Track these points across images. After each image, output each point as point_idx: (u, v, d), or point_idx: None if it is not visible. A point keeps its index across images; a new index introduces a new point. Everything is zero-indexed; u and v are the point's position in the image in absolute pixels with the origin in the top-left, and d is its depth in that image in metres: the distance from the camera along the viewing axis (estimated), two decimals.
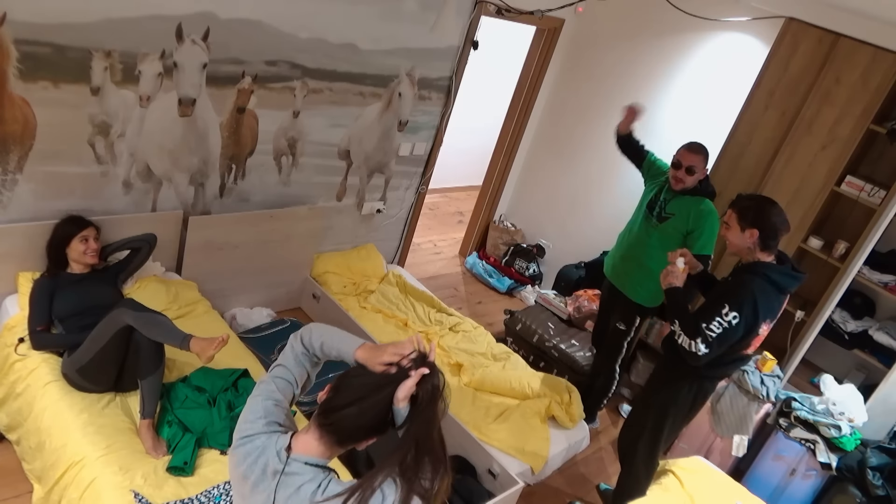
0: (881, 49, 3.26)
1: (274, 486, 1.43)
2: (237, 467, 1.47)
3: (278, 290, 4.02)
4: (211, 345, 2.39)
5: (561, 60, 5.05)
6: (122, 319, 2.44)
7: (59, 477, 2.32)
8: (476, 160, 5.97)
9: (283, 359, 1.61)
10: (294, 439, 1.47)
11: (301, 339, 1.61)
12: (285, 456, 1.44)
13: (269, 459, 1.44)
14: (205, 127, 3.27)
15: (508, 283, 5.32)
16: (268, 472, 1.44)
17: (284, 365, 1.60)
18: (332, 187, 4.10)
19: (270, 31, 3.21)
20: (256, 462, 1.45)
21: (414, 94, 4.08)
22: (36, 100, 2.69)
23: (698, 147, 3.22)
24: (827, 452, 3.36)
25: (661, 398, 2.94)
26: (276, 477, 1.43)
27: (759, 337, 2.66)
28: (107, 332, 2.46)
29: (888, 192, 3.32)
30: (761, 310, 2.56)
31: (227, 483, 2.40)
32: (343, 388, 1.46)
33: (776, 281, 2.58)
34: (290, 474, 1.43)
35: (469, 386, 3.61)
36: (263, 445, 1.46)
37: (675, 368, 2.83)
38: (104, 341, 2.47)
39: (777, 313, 2.67)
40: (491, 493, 3.03)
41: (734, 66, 4.19)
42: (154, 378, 2.49)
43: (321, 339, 1.60)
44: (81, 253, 2.83)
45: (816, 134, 3.47)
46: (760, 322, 2.58)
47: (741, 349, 2.69)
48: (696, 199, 3.23)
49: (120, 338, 2.46)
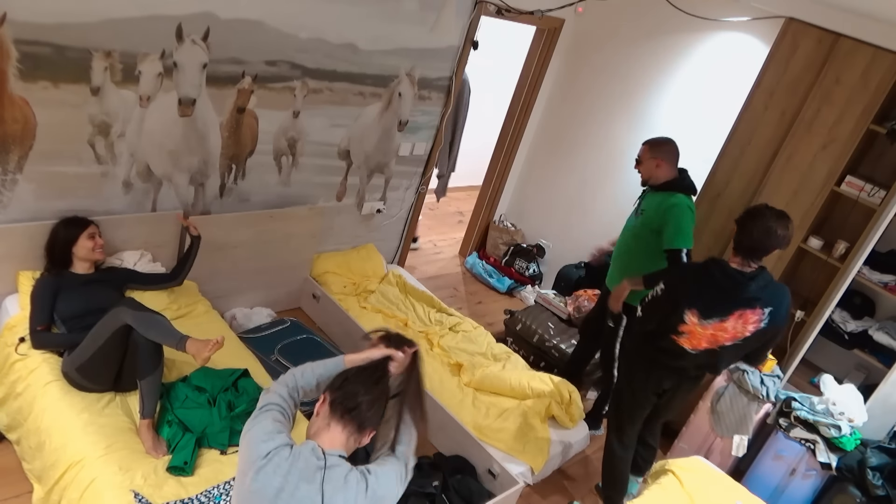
0: (881, 49, 3.26)
1: (320, 481, 1.57)
2: (270, 482, 1.55)
3: (278, 290, 4.02)
4: (206, 346, 2.39)
5: (561, 60, 5.05)
6: (120, 318, 2.44)
7: (59, 477, 2.32)
8: (476, 160, 5.97)
9: (272, 391, 1.77)
10: (318, 439, 1.65)
11: (287, 387, 1.78)
12: (321, 453, 1.60)
13: (307, 461, 1.58)
14: (205, 127, 3.27)
15: (508, 283, 5.32)
16: (309, 472, 1.57)
17: (279, 393, 1.76)
18: (332, 187, 4.10)
19: (270, 31, 3.21)
20: (293, 468, 1.56)
21: (414, 94, 4.08)
22: (36, 100, 2.69)
23: (649, 139, 3.31)
24: (827, 452, 3.36)
25: (621, 374, 3.25)
26: (320, 472, 1.57)
27: (689, 326, 2.68)
28: (106, 331, 2.47)
29: (888, 192, 3.32)
30: (685, 291, 2.69)
31: (227, 483, 2.40)
32: (348, 385, 1.69)
33: (711, 273, 2.66)
34: (332, 467, 1.59)
35: (469, 386, 3.61)
36: (294, 453, 1.59)
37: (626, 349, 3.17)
38: (103, 340, 2.47)
39: (707, 306, 2.64)
40: (491, 493, 3.03)
41: (734, 66, 4.19)
42: (153, 378, 2.49)
43: (311, 373, 1.82)
44: (90, 250, 2.85)
45: (816, 134, 3.47)
46: (684, 306, 2.66)
47: (670, 331, 2.73)
48: (667, 193, 3.22)
49: (118, 336, 2.46)
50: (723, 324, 2.65)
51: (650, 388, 3.01)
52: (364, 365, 1.78)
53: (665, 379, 2.97)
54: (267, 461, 1.57)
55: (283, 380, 1.80)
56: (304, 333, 3.69)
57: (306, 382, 1.82)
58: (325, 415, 1.68)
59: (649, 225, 3.25)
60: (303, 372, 1.83)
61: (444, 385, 3.55)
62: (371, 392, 1.70)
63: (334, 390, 1.70)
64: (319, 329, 4.02)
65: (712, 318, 2.65)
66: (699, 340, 2.70)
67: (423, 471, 3.01)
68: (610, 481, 3.23)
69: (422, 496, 2.84)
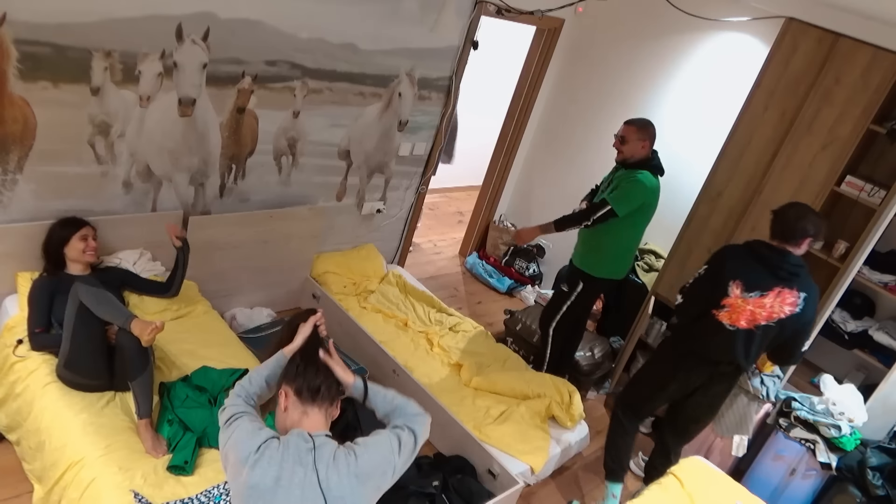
0: (881, 49, 3.26)
1: (312, 462, 1.64)
2: (266, 473, 1.61)
3: (278, 290, 4.02)
4: (147, 327, 2.42)
5: (561, 60, 5.05)
6: (76, 296, 2.46)
7: (59, 477, 2.32)
8: (476, 160, 5.97)
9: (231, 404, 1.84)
10: (300, 424, 1.74)
11: (241, 397, 1.86)
12: (307, 436, 1.69)
13: (297, 446, 1.66)
14: (205, 127, 3.27)
15: (508, 283, 5.32)
16: (300, 455, 1.65)
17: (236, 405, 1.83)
18: (332, 187, 4.10)
19: (270, 31, 3.21)
20: (286, 455, 1.64)
21: (414, 94, 4.08)
22: (36, 100, 2.69)
23: (634, 120, 3.49)
24: (827, 452, 3.36)
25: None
26: (310, 454, 1.66)
27: (731, 300, 2.81)
28: (70, 315, 2.47)
29: (888, 192, 3.32)
30: (729, 266, 2.82)
31: (227, 483, 2.40)
32: (303, 371, 1.82)
33: (754, 248, 2.84)
34: (321, 447, 1.68)
35: (469, 386, 3.61)
36: (283, 442, 1.67)
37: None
38: (71, 325, 2.47)
39: (750, 279, 2.80)
40: (491, 493, 3.03)
41: (734, 66, 4.19)
42: (143, 379, 2.48)
43: (257, 378, 1.91)
44: (81, 252, 2.83)
45: (816, 134, 3.47)
46: (728, 278, 2.80)
47: (712, 306, 2.86)
48: (635, 170, 3.43)
49: (84, 318, 2.45)
50: (762, 299, 2.78)
51: (679, 380, 3.09)
52: (302, 347, 1.95)
53: (694, 373, 3.03)
54: (259, 455, 1.62)
55: (235, 393, 1.86)
56: None
57: (257, 387, 1.89)
58: (294, 405, 1.77)
59: None
60: (249, 380, 1.91)
61: (444, 385, 3.55)
62: (320, 368, 1.84)
63: (291, 380, 1.80)
64: None
65: (754, 292, 2.79)
66: (739, 315, 2.82)
67: (423, 471, 3.01)
68: (613, 455, 3.35)
69: (422, 496, 2.84)
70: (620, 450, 3.33)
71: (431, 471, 3.05)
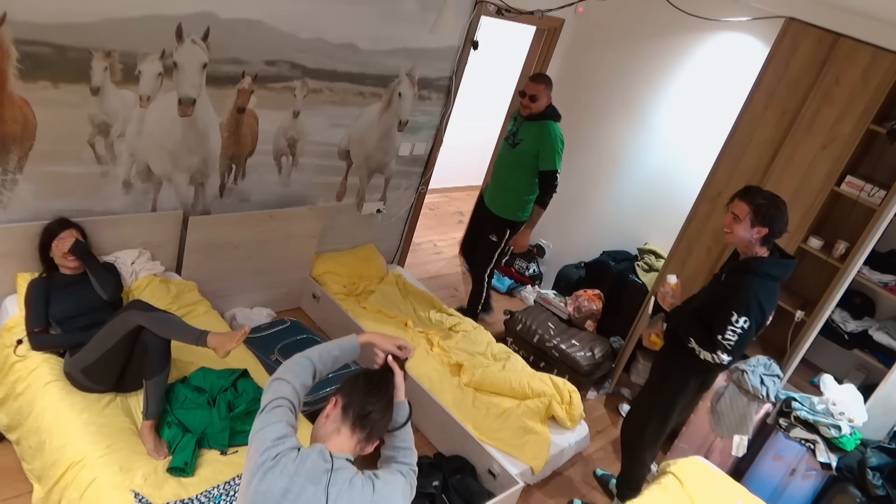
0: (881, 49, 3.26)
1: (325, 483, 1.58)
2: (276, 483, 1.56)
3: (278, 290, 4.02)
4: (232, 339, 2.37)
5: (561, 60, 5.05)
6: (132, 321, 2.43)
7: (59, 477, 2.32)
8: (476, 160, 5.97)
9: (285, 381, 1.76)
10: (326, 443, 1.67)
11: (303, 366, 1.80)
12: (328, 455, 1.62)
13: (314, 463, 1.59)
14: (205, 127, 3.27)
15: (508, 283, 5.32)
16: (315, 474, 1.58)
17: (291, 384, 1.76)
18: (332, 187, 4.10)
19: (270, 31, 3.21)
20: (300, 470, 1.57)
21: (414, 94, 4.08)
22: (36, 100, 2.69)
23: (540, 76, 3.88)
24: (827, 452, 3.36)
25: (670, 388, 3.04)
26: (326, 475, 1.59)
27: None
28: (115, 334, 2.45)
29: (888, 192, 3.32)
30: (766, 306, 2.70)
31: (227, 483, 2.40)
32: (359, 391, 1.71)
33: (773, 275, 2.72)
34: (339, 470, 1.60)
35: (469, 386, 3.61)
36: (302, 455, 1.60)
37: (683, 361, 2.91)
38: (112, 342, 2.46)
39: (777, 300, 2.79)
40: (491, 493, 3.03)
41: (734, 66, 4.19)
42: (159, 379, 2.48)
43: (320, 355, 1.85)
44: (60, 256, 2.81)
45: (816, 134, 3.47)
46: (768, 316, 2.75)
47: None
48: (542, 122, 3.86)
49: (129, 339, 2.45)
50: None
51: (701, 396, 3.14)
52: (371, 374, 1.80)
53: (693, 379, 3.01)
54: (275, 462, 1.57)
55: (299, 366, 1.79)
56: (303, 333, 3.69)
57: (323, 367, 1.84)
58: (335, 418, 1.69)
59: (530, 150, 3.89)
60: (320, 354, 1.84)
61: (444, 385, 3.55)
62: (381, 400, 1.72)
63: (348, 393, 1.71)
64: (319, 329, 4.02)
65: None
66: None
67: (423, 471, 3.01)
68: (633, 486, 3.26)
69: (422, 496, 2.84)
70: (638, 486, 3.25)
71: (431, 471, 3.05)
